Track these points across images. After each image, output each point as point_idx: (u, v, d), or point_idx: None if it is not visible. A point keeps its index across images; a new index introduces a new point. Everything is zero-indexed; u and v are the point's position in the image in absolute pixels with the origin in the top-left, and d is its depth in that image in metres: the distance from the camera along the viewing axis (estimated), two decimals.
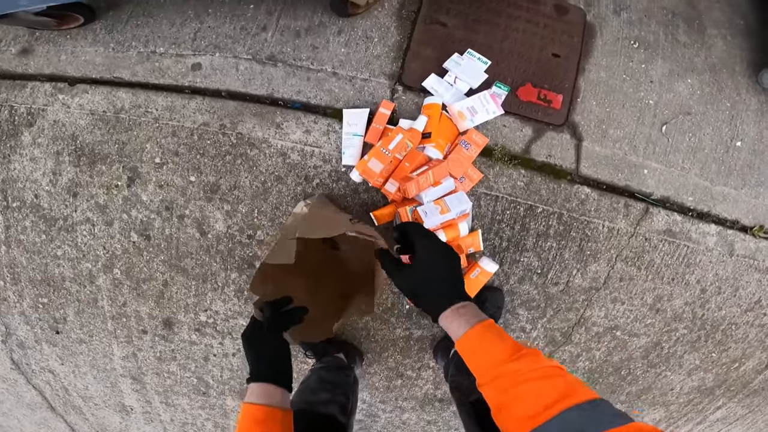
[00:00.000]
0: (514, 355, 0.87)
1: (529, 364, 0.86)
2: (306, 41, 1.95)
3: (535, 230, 2.02)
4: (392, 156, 1.80)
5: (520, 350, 0.89)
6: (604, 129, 2.04)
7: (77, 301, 2.25)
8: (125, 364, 2.43)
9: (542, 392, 0.81)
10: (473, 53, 1.96)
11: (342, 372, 1.97)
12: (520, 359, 0.86)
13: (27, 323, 2.38)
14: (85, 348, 2.42)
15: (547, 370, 0.85)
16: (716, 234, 2.10)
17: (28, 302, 2.31)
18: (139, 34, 1.99)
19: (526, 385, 0.83)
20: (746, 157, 2.13)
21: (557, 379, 0.83)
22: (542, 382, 0.83)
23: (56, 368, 2.55)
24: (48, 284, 2.23)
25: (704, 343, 2.27)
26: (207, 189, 1.95)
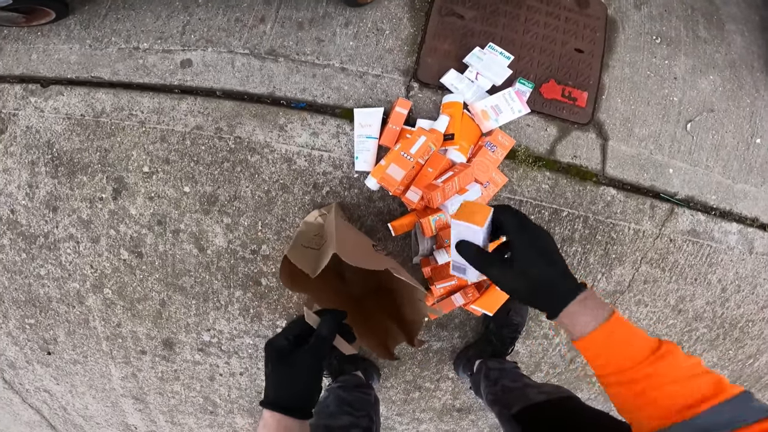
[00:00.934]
0: (651, 357, 0.69)
1: (670, 367, 0.68)
2: (310, 34, 1.45)
3: (560, 235, 1.58)
4: (414, 161, 1.33)
5: (658, 349, 0.69)
6: (629, 127, 1.60)
7: (67, 321, 1.72)
8: (125, 384, 1.92)
9: (686, 392, 0.66)
10: (495, 47, 1.48)
11: (361, 391, 1.52)
12: (658, 361, 0.68)
13: (15, 344, 1.84)
14: (80, 368, 1.89)
15: (689, 369, 0.68)
16: (737, 232, 1.71)
17: (13, 323, 1.77)
18: (120, 29, 1.46)
19: (668, 387, 0.67)
20: (765, 154, 1.73)
21: (701, 378, 0.67)
22: (685, 383, 0.67)
23: (52, 388, 2.02)
24: (33, 305, 1.70)
25: (722, 341, 1.86)
26: (204, 200, 1.45)
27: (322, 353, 0.80)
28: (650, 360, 0.68)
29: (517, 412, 1.28)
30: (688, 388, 0.65)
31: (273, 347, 0.79)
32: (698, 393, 0.64)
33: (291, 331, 0.82)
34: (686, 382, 0.66)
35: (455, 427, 1.98)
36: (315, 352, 0.79)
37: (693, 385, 0.65)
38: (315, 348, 0.80)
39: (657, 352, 0.68)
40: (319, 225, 1.37)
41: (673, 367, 0.67)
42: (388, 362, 1.77)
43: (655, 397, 0.67)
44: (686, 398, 0.64)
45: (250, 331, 1.67)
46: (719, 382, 0.65)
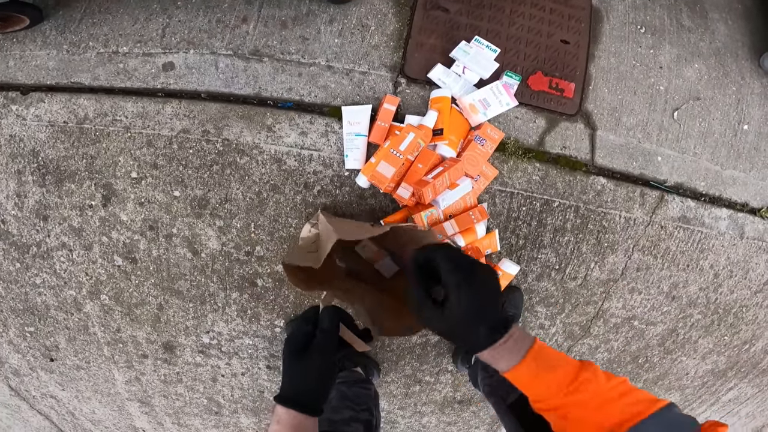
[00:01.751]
0: (572, 385, 0.67)
1: (591, 393, 0.66)
2: (294, 32, 1.34)
3: (552, 225, 1.49)
4: (404, 158, 1.24)
5: (577, 378, 0.67)
6: (617, 117, 1.51)
7: (66, 328, 1.63)
8: (129, 388, 1.83)
9: (612, 414, 0.64)
10: (481, 41, 1.38)
11: (361, 386, 1.46)
12: (578, 390, 0.66)
13: (17, 352, 1.75)
14: (83, 374, 1.80)
15: (611, 390, 0.66)
16: (728, 218, 1.62)
17: (14, 331, 1.68)
18: (97, 33, 1.34)
19: (592, 414, 0.65)
20: (753, 140, 1.64)
21: (626, 397, 0.65)
22: (610, 406, 0.65)
23: (58, 394, 1.93)
24: (32, 313, 1.60)
25: (717, 326, 1.77)
26: (195, 204, 1.36)
27: (330, 347, 0.77)
28: (570, 389, 0.66)
29: (512, 402, 1.23)
30: (610, 411, 0.64)
31: (289, 343, 0.77)
32: (621, 414, 0.63)
33: (307, 324, 0.79)
34: (608, 406, 0.64)
35: (457, 419, 1.90)
36: (322, 347, 0.76)
37: (615, 407, 0.64)
38: (321, 343, 0.76)
39: (577, 379, 0.66)
40: (314, 235, 1.29)
41: (594, 393, 0.66)
42: (388, 357, 1.68)
43: (579, 422, 0.66)
44: (609, 420, 0.63)
45: (248, 332, 1.58)
46: (640, 401, 0.64)
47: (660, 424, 0.62)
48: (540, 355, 0.69)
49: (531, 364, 0.68)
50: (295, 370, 0.75)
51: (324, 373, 0.76)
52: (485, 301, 0.70)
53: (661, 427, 0.62)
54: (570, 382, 0.67)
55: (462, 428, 1.94)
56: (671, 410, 0.63)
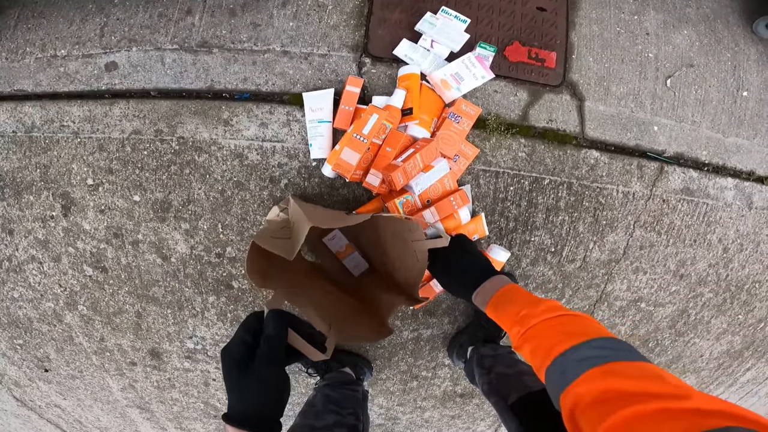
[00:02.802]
0: (533, 302, 0.78)
1: (545, 306, 0.76)
2: (244, 20, 1.18)
3: (544, 205, 1.32)
4: (369, 142, 1.07)
5: (538, 300, 0.80)
6: (605, 86, 1.32)
7: (53, 339, 1.53)
8: (126, 395, 1.72)
9: (547, 334, 0.70)
10: (449, 11, 1.21)
11: (349, 388, 1.31)
12: (538, 305, 0.77)
13: (13, 364, 1.66)
14: (79, 383, 1.70)
15: (561, 308, 0.76)
16: (734, 187, 1.42)
17: (5, 344, 1.58)
18: (33, 39, 1.21)
19: (539, 327, 0.73)
20: (754, 106, 1.44)
21: (569, 320, 0.72)
22: (555, 326, 0.71)
23: (61, 403, 1.84)
24: (17, 326, 1.50)
25: (730, 305, 1.57)
26: (157, 208, 1.22)
27: (277, 355, 0.65)
28: (533, 304, 0.78)
29: (513, 402, 1.07)
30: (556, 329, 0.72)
31: (229, 356, 0.64)
32: (564, 334, 0.69)
33: (245, 334, 0.66)
34: (557, 320, 0.74)
35: (460, 412, 1.74)
36: (269, 356, 0.64)
37: (560, 322, 0.73)
38: (267, 352, 0.64)
39: (538, 301, 0.79)
40: (283, 219, 1.14)
41: (547, 308, 0.76)
42: (380, 355, 1.53)
43: (531, 335, 0.74)
44: (553, 337, 0.69)
45: (231, 335, 1.43)
46: (588, 321, 0.72)
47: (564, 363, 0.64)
48: (503, 295, 0.87)
49: (495, 302, 0.87)
50: (242, 386, 0.63)
51: (275, 386, 0.65)
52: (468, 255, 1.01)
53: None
54: (532, 301, 0.80)
55: (466, 421, 1.78)
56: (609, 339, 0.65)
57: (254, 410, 0.63)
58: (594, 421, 0.51)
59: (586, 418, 0.54)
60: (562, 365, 0.63)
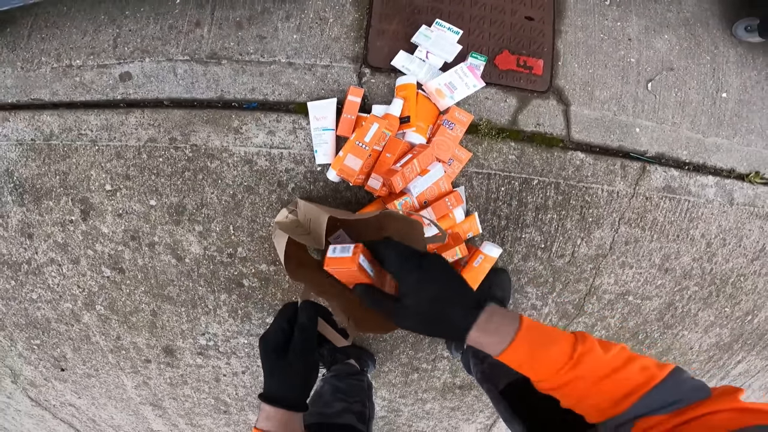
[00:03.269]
0: (570, 361, 0.58)
1: (592, 365, 0.58)
2: (250, 32, 1.24)
3: (534, 204, 1.38)
4: (370, 149, 1.14)
5: (575, 351, 0.59)
6: (590, 91, 1.39)
7: (70, 339, 1.59)
8: (140, 392, 1.78)
9: (617, 386, 0.57)
10: (442, 23, 1.28)
11: (354, 378, 1.39)
12: (579, 364, 0.58)
13: (29, 364, 1.71)
14: (95, 381, 1.76)
15: (613, 361, 0.59)
16: (714, 185, 1.49)
17: (22, 345, 1.64)
18: (48, 48, 1.26)
19: (596, 387, 0.58)
20: (734, 107, 1.51)
21: (629, 367, 0.58)
22: (613, 377, 0.57)
23: (75, 402, 1.89)
24: (35, 327, 1.56)
25: (716, 298, 1.64)
26: (172, 211, 1.29)
27: (309, 345, 0.72)
28: (570, 365, 0.59)
29: (503, 388, 1.15)
30: (615, 381, 0.58)
31: (266, 342, 0.71)
32: (629, 383, 0.57)
33: (282, 321, 0.73)
34: (614, 376, 0.58)
35: (459, 403, 1.81)
36: (301, 343, 0.71)
37: (621, 377, 0.58)
38: (300, 340, 0.71)
39: (574, 354, 0.59)
40: (293, 221, 1.20)
41: (595, 365, 0.59)
42: (382, 348, 1.60)
43: (586, 395, 0.60)
44: (618, 391, 0.58)
45: (242, 331, 1.52)
46: (646, 368, 0.58)
47: (672, 388, 0.56)
48: (531, 332, 0.62)
49: (523, 344, 0.61)
50: (278, 369, 0.70)
51: (306, 370, 0.72)
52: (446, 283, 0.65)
53: (674, 391, 0.56)
54: (568, 357, 0.60)
55: (465, 412, 1.85)
56: (681, 373, 0.58)
57: (287, 392, 0.70)
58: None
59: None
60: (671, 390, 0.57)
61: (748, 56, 1.53)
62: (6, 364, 1.75)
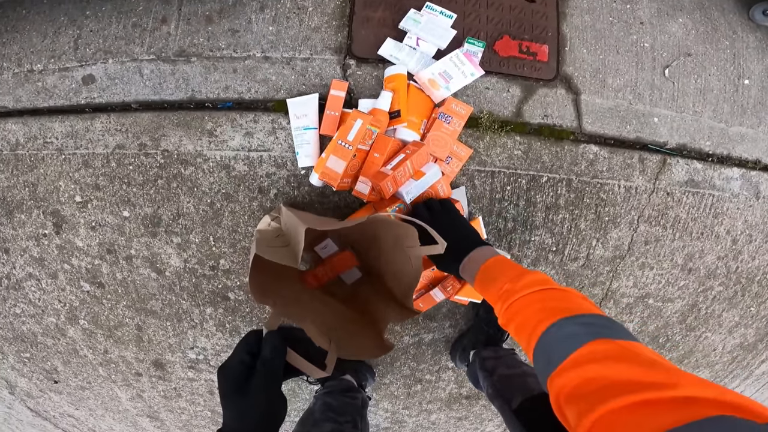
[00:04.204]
0: (518, 274, 0.74)
1: (526, 286, 0.70)
2: (221, 26, 1.11)
3: (543, 203, 1.24)
4: (354, 149, 1.01)
5: (525, 271, 0.75)
6: (601, 78, 1.23)
7: (58, 352, 1.50)
8: (135, 404, 1.69)
9: (530, 310, 0.67)
10: (433, 7, 1.13)
11: (348, 396, 1.26)
12: (523, 277, 0.73)
13: (23, 376, 1.63)
14: (89, 393, 1.68)
15: (546, 292, 0.69)
16: (740, 177, 1.33)
17: (13, 358, 1.55)
18: (8, 53, 1.14)
19: (521, 302, 0.69)
20: (757, 94, 1.34)
21: (553, 294, 0.68)
22: (538, 301, 0.68)
23: (74, 413, 1.82)
24: (22, 340, 1.47)
25: (741, 298, 1.48)
26: (147, 223, 1.17)
27: (272, 379, 0.62)
28: (518, 276, 0.73)
29: (517, 406, 1.02)
30: (527, 316, 0.67)
31: (225, 377, 0.62)
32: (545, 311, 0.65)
33: (243, 353, 0.64)
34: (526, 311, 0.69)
35: (467, 413, 1.68)
36: (264, 380, 0.62)
37: (529, 313, 0.68)
38: (263, 377, 0.62)
39: (523, 272, 0.74)
40: (275, 228, 1.08)
41: (530, 281, 0.72)
42: (382, 360, 1.47)
43: (515, 311, 0.70)
44: (528, 327, 0.65)
45: (231, 345, 1.40)
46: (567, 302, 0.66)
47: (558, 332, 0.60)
48: (488, 269, 0.81)
49: (481, 276, 0.80)
50: (237, 406, 0.61)
51: (270, 409, 0.61)
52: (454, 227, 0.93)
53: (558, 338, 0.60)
54: (519, 272, 0.75)
55: (474, 422, 1.72)
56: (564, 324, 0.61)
57: (248, 431, 0.60)
58: (578, 413, 0.48)
59: (570, 408, 0.50)
60: (547, 346, 0.60)
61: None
62: (1, 376, 1.68)
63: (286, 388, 1.57)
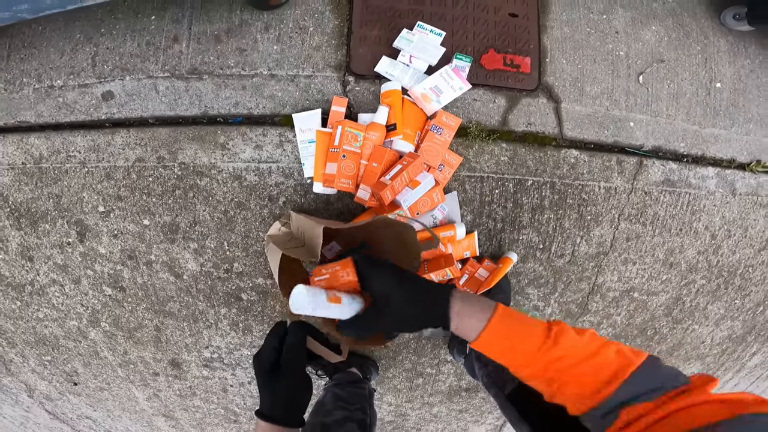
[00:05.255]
0: (547, 342, 0.59)
1: (568, 347, 0.58)
2: (230, 45, 1.19)
3: (529, 204, 1.32)
4: (341, 150, 1.10)
5: (549, 331, 0.60)
6: (580, 87, 1.32)
7: (79, 355, 1.57)
8: (151, 404, 1.76)
9: (595, 371, 0.57)
10: (424, 26, 1.22)
11: (356, 386, 1.35)
12: (556, 344, 0.59)
13: (43, 379, 1.71)
14: (107, 394, 1.75)
15: (588, 344, 0.59)
16: (715, 176, 1.41)
17: (33, 361, 1.63)
18: (28, 69, 1.21)
19: (574, 370, 0.58)
20: (729, 96, 1.43)
21: (603, 352, 0.58)
22: (590, 361, 0.57)
23: (92, 414, 1.89)
24: (44, 344, 1.55)
25: (725, 290, 1.55)
26: (166, 230, 1.25)
27: (296, 363, 0.72)
28: (547, 345, 0.60)
29: (510, 392, 1.08)
30: (594, 366, 0.58)
31: (259, 361, 0.72)
32: (608, 368, 0.57)
33: (273, 341, 0.73)
34: (590, 360, 0.58)
35: (467, 405, 1.75)
36: (291, 364, 0.72)
37: (599, 361, 0.58)
38: (289, 360, 0.72)
39: (550, 335, 0.60)
40: (286, 233, 1.15)
41: (571, 347, 0.59)
42: (385, 354, 1.55)
43: (567, 381, 0.59)
44: (597, 376, 0.57)
45: (245, 343, 1.48)
46: (622, 352, 0.59)
47: (651, 373, 0.57)
48: (505, 317, 0.64)
49: (497, 327, 0.62)
50: (271, 387, 0.71)
51: (296, 388, 0.72)
52: (407, 277, 0.69)
53: (653, 377, 0.56)
54: (545, 337, 0.60)
55: (474, 414, 1.79)
56: (657, 360, 0.58)
57: (281, 408, 0.70)
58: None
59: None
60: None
61: (740, 45, 1.45)
62: (21, 380, 1.74)
63: None
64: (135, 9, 1.19)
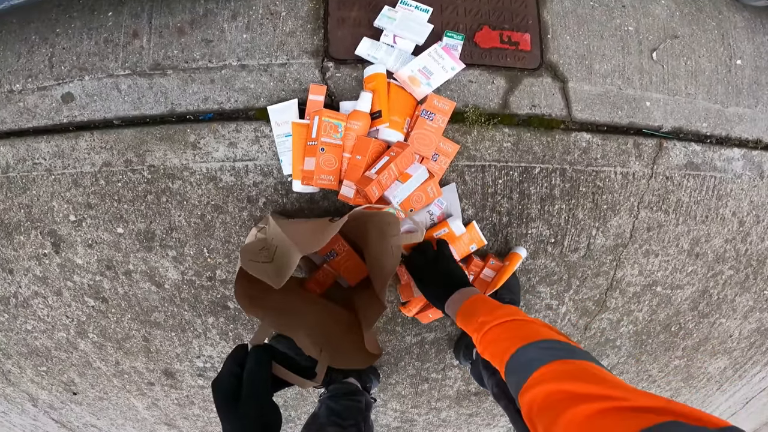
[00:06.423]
0: (488, 312, 0.80)
1: (498, 317, 0.76)
2: (194, 37, 1.06)
3: (538, 194, 1.18)
4: (319, 143, 0.97)
5: (495, 309, 0.80)
6: (588, 65, 1.16)
7: (73, 365, 1.49)
8: (152, 413, 1.69)
9: (500, 338, 0.72)
10: (408, 2, 1.07)
11: (351, 399, 1.23)
12: (492, 313, 0.79)
13: (42, 389, 1.64)
14: (107, 404, 1.68)
15: (513, 322, 0.75)
16: (741, 157, 1.25)
17: (31, 371, 1.56)
18: None
19: (494, 331, 0.75)
20: (751, 74, 1.27)
21: (519, 324, 0.73)
22: (507, 330, 0.73)
23: (96, 423, 1.82)
24: (37, 355, 1.47)
25: (754, 281, 1.39)
26: (141, 238, 1.15)
27: (259, 392, 0.62)
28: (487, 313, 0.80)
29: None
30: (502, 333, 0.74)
31: (217, 389, 0.62)
32: (508, 339, 0.70)
33: (232, 366, 0.64)
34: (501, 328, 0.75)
35: (477, 409, 1.62)
36: (251, 393, 0.61)
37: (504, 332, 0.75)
38: (250, 388, 0.62)
39: (496, 311, 0.79)
40: (260, 240, 1.04)
41: (493, 318, 0.78)
42: (386, 361, 1.43)
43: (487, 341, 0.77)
44: (501, 342, 0.72)
45: None
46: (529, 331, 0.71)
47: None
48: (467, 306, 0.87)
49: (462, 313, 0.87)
50: (231, 418, 0.60)
51: (261, 420, 0.61)
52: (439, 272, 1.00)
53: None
54: (476, 322, 0.80)
55: (485, 417, 1.66)
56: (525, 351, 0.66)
57: None
58: (547, 422, 0.53)
59: (540, 420, 0.55)
60: (514, 368, 0.65)
61: (757, 21, 1.28)
62: (22, 389, 1.69)
63: (293, 393, 1.54)
64: (90, 6, 1.07)
